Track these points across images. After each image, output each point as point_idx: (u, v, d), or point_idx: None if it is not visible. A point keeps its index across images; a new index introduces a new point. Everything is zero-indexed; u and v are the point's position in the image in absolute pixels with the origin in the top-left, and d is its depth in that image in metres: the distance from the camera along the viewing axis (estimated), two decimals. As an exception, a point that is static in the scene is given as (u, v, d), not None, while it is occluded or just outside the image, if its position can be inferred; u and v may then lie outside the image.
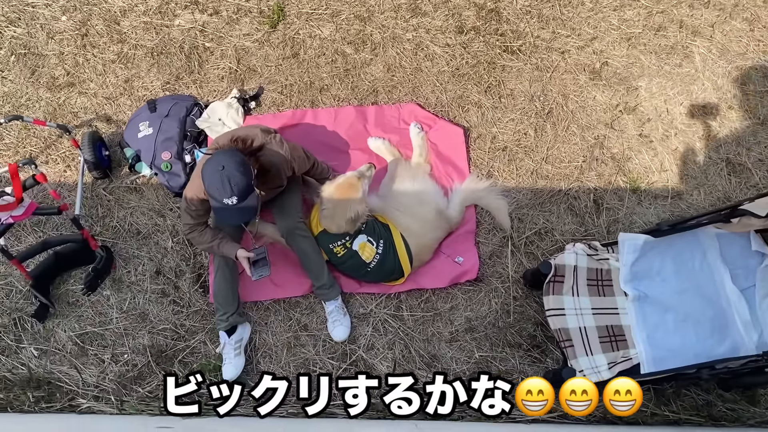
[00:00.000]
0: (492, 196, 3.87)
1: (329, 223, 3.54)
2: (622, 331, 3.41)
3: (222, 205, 3.00)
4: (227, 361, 3.50)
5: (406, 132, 4.03)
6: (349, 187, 3.51)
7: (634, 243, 3.41)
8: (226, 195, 2.94)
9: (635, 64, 4.21)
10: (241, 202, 2.99)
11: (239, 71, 4.20)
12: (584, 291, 3.46)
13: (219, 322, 3.53)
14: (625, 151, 4.05)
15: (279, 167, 3.28)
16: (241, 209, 3.03)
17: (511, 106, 4.13)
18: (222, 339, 3.54)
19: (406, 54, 4.23)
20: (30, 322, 3.70)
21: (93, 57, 4.23)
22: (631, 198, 3.95)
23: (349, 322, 3.65)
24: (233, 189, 2.94)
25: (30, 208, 3.28)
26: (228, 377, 3.47)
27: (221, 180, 2.93)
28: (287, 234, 3.56)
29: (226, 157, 2.98)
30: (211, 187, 2.98)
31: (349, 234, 3.55)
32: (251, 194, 3.04)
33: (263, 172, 3.25)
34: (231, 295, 3.54)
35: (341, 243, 3.56)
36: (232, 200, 2.96)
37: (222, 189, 2.94)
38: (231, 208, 3.00)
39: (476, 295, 3.76)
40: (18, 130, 4.07)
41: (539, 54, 4.23)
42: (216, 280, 3.54)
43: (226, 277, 3.53)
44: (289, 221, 3.55)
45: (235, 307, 3.54)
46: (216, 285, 3.54)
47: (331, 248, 3.58)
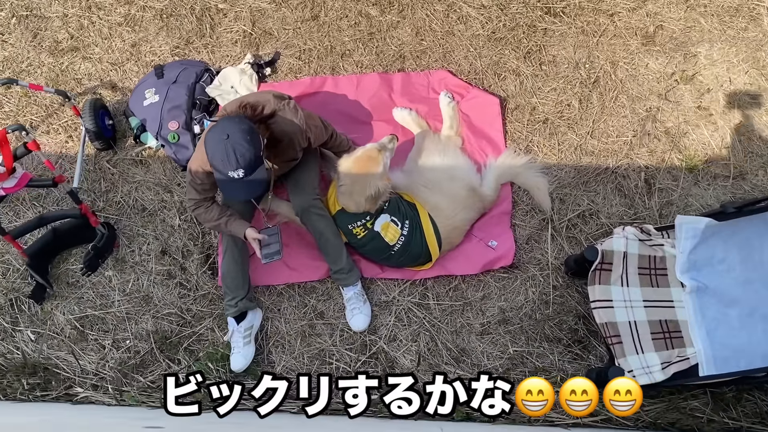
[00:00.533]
0: (531, 173, 3.49)
1: (347, 200, 3.19)
2: (678, 326, 3.02)
3: (227, 179, 2.68)
4: (236, 351, 3.21)
5: (436, 102, 3.66)
6: (368, 160, 3.16)
7: (694, 227, 3.00)
8: (231, 167, 2.63)
9: (694, 27, 3.76)
10: (249, 175, 2.67)
11: (254, 35, 3.86)
12: (635, 281, 3.08)
13: (227, 308, 3.23)
14: (681, 125, 3.62)
15: (292, 137, 2.95)
16: (249, 183, 2.71)
17: (553, 74, 3.72)
18: (230, 326, 3.24)
19: (436, 16, 3.84)
20: (27, 303, 3.44)
21: (98, 19, 3.93)
22: (686, 178, 3.53)
23: (369, 310, 3.32)
24: (239, 160, 2.61)
25: (23, 180, 3.03)
26: (236, 368, 3.18)
27: (225, 150, 2.60)
28: (302, 212, 3.22)
29: (231, 124, 2.65)
30: (214, 159, 2.66)
31: (370, 213, 3.21)
32: (260, 167, 2.71)
33: (274, 142, 2.92)
34: (241, 279, 3.24)
35: (361, 223, 3.22)
36: (237, 173, 2.64)
37: (227, 160, 2.62)
38: (237, 181, 2.68)
39: (511, 283, 3.39)
40: (18, 96, 3.80)
41: (585, 16, 3.80)
42: (224, 261, 3.24)
43: (236, 258, 3.22)
44: (304, 198, 3.22)
45: (245, 291, 3.23)
46: (224, 267, 3.24)
47: (350, 229, 3.24)
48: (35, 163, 3.64)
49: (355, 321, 3.29)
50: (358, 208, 3.19)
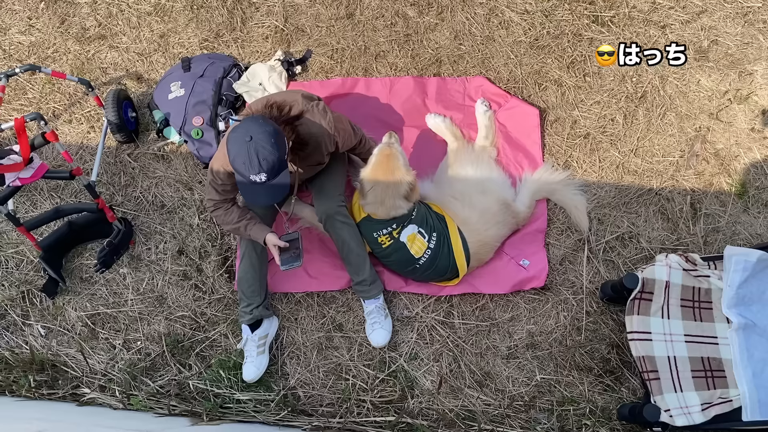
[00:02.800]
0: (568, 190, 3.30)
1: (378, 208, 3.03)
2: (722, 365, 2.81)
3: (248, 182, 2.54)
4: (248, 360, 3.07)
5: (472, 110, 3.49)
6: (387, 160, 2.99)
7: (745, 260, 2.80)
8: (253, 171, 2.49)
9: (751, 44, 3.53)
10: (271, 179, 2.53)
11: (286, 31, 3.71)
12: (677, 313, 2.87)
13: (242, 314, 3.10)
14: (732, 147, 3.40)
15: (319, 140, 2.80)
16: (271, 188, 2.57)
17: (597, 87, 3.52)
18: (244, 333, 3.11)
19: (477, 20, 3.66)
20: (39, 296, 3.35)
21: (128, 8, 3.82)
22: (735, 204, 3.32)
23: (390, 325, 3.16)
24: (261, 164, 2.47)
25: (40, 170, 2.93)
26: (248, 378, 3.05)
27: (248, 153, 2.46)
28: (326, 219, 3.07)
29: (255, 125, 2.50)
30: (236, 161, 2.51)
31: (397, 221, 3.04)
32: (283, 171, 2.56)
33: (301, 145, 2.77)
34: (258, 285, 3.10)
35: (387, 231, 3.06)
36: (259, 177, 2.50)
37: (248, 163, 2.48)
38: (258, 186, 2.54)
39: (542, 305, 3.21)
40: (42, 84, 3.70)
41: (634, 27, 3.59)
42: (242, 266, 3.10)
43: (254, 263, 3.08)
44: (329, 204, 3.07)
45: (261, 298, 3.10)
46: (241, 272, 3.11)
47: (376, 237, 3.09)
48: (54, 153, 3.54)
49: (375, 336, 3.14)
50: (389, 212, 3.02)
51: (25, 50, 3.77)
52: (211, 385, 3.10)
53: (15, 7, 3.85)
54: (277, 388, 3.10)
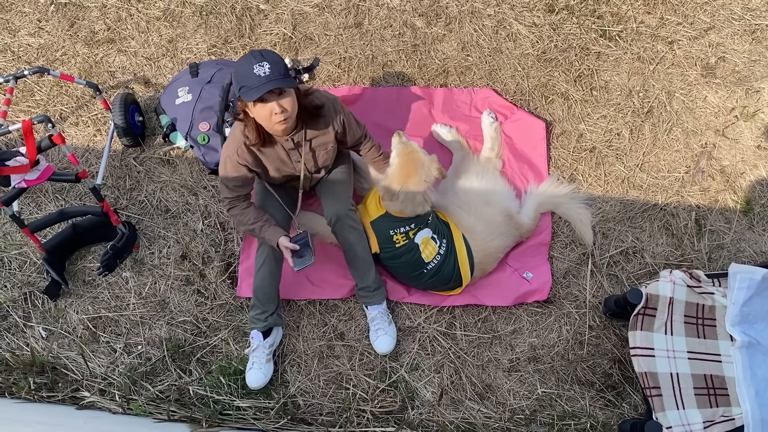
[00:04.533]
0: (573, 203, 3.30)
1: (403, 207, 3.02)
2: (724, 383, 2.80)
3: (252, 84, 2.49)
4: (256, 366, 3.04)
5: (478, 121, 3.49)
6: (409, 156, 3.02)
7: (750, 277, 2.79)
8: (256, 60, 2.48)
9: (759, 61, 3.54)
10: (274, 75, 2.49)
11: (294, 39, 3.72)
12: (680, 330, 2.86)
13: (255, 321, 3.08)
14: (738, 164, 3.40)
15: (327, 111, 2.84)
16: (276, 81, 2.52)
17: (603, 101, 3.53)
18: (255, 340, 3.09)
19: (485, 31, 3.67)
20: (41, 298, 3.34)
21: (137, 12, 3.83)
22: (740, 221, 3.31)
23: (394, 332, 3.16)
24: (264, 56, 2.50)
25: (46, 173, 2.92)
26: (254, 384, 3.03)
27: (252, 54, 2.51)
28: (336, 221, 3.06)
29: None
30: (239, 69, 2.53)
31: (416, 222, 3.05)
32: (287, 76, 2.54)
33: (315, 108, 2.80)
34: (274, 293, 3.10)
35: (404, 231, 3.05)
36: (264, 69, 2.47)
37: (251, 57, 2.50)
38: (264, 85, 2.49)
39: (544, 319, 3.20)
40: (50, 86, 3.71)
41: (642, 42, 3.60)
42: (260, 273, 3.07)
43: (273, 271, 3.07)
44: (340, 207, 3.06)
45: (275, 306, 3.10)
46: (260, 279, 3.07)
47: (392, 235, 3.08)
48: (60, 155, 3.55)
49: (380, 343, 3.12)
50: (416, 209, 3.02)
51: (34, 52, 3.78)
52: (211, 391, 3.08)
53: (25, 10, 3.87)
54: (277, 396, 3.08)
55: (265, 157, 2.87)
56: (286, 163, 2.93)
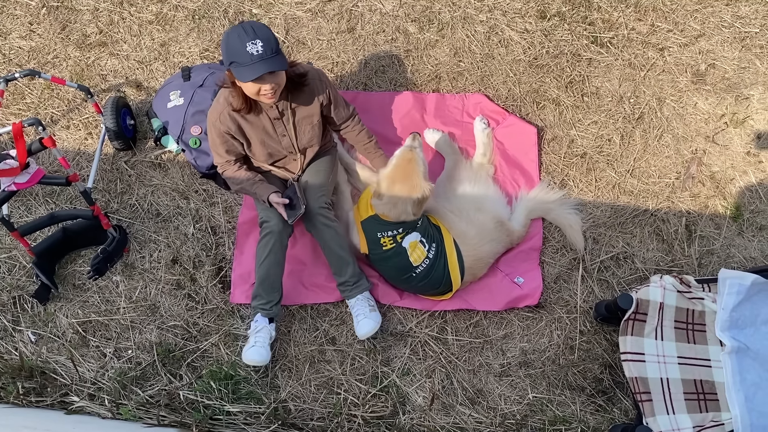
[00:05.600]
0: (564, 209, 3.31)
1: (390, 210, 3.04)
2: (714, 388, 2.81)
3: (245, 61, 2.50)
4: (259, 345, 3.00)
5: (469, 126, 3.50)
6: (407, 163, 3.02)
7: (739, 283, 2.81)
8: (249, 38, 2.49)
9: (748, 68, 3.57)
10: (267, 54, 2.51)
11: (287, 43, 3.73)
12: (670, 335, 2.88)
13: (259, 309, 3.06)
14: (728, 170, 3.42)
15: (312, 80, 2.87)
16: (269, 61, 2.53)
17: (594, 107, 3.54)
18: (261, 322, 3.05)
19: (477, 37, 3.69)
20: (31, 302, 3.32)
21: (129, 16, 3.83)
22: (730, 227, 3.33)
23: (377, 318, 3.11)
24: (256, 32, 2.50)
25: (36, 176, 2.91)
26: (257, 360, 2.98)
27: (242, 27, 2.52)
28: (307, 219, 3.09)
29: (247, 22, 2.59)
30: (230, 44, 2.53)
31: (404, 226, 3.05)
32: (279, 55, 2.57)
33: (299, 77, 2.81)
34: (279, 283, 3.09)
35: (392, 234, 3.06)
36: (257, 47, 2.49)
37: (243, 34, 2.50)
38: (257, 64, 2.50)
39: (535, 324, 3.20)
40: (41, 89, 3.70)
41: (633, 49, 3.62)
42: (266, 263, 3.04)
43: (279, 261, 3.07)
44: (312, 204, 3.07)
45: (279, 296, 3.09)
46: (265, 269, 3.04)
47: (379, 237, 3.08)
48: (51, 159, 3.53)
49: (360, 327, 3.08)
50: (399, 216, 3.03)
51: (25, 55, 3.77)
52: (202, 396, 3.07)
53: (16, 12, 3.86)
54: (267, 401, 3.07)
55: (249, 125, 2.89)
56: (271, 135, 2.95)
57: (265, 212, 3.06)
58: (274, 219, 3.02)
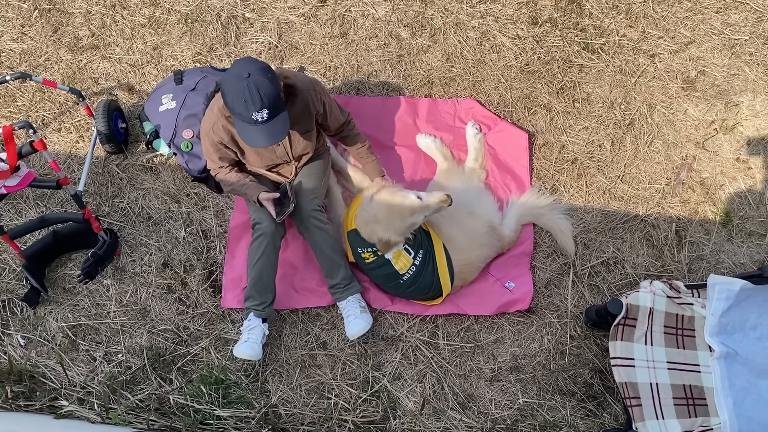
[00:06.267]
0: (555, 214, 3.32)
1: (364, 228, 3.05)
2: (703, 393, 2.83)
3: (249, 122, 2.55)
4: (252, 341, 3.01)
5: (461, 131, 3.51)
6: (406, 211, 2.98)
7: (728, 289, 2.82)
8: (255, 107, 2.50)
9: (738, 76, 3.59)
10: (273, 117, 2.55)
11: (280, 47, 3.73)
12: (660, 340, 2.89)
13: (252, 309, 3.06)
14: (718, 176, 3.44)
15: (307, 95, 2.86)
16: (273, 128, 2.59)
17: (585, 113, 3.56)
18: (254, 321, 3.06)
19: (469, 43, 3.70)
20: (20, 306, 3.30)
21: (122, 19, 3.82)
22: (720, 232, 3.35)
23: (368, 318, 3.12)
24: (263, 99, 2.50)
25: (26, 179, 2.90)
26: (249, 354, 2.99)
27: (248, 89, 2.49)
28: (299, 222, 3.10)
29: (248, 63, 2.56)
30: (235, 102, 2.53)
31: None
32: (282, 111, 2.60)
33: (289, 95, 2.81)
34: (272, 284, 3.10)
35: (372, 250, 3.07)
36: (262, 114, 2.52)
37: (250, 100, 2.49)
38: (261, 125, 2.55)
39: (526, 328, 3.21)
40: (32, 91, 3.68)
41: (624, 55, 3.65)
42: (258, 265, 3.05)
43: (272, 262, 3.08)
44: (304, 206, 3.08)
45: (272, 297, 3.10)
46: (258, 271, 3.05)
47: (360, 252, 3.10)
48: (42, 162, 3.52)
49: (351, 327, 3.09)
50: (371, 239, 3.03)
51: (17, 57, 3.76)
52: (192, 400, 3.06)
53: (8, 15, 3.84)
54: (258, 406, 3.06)
55: None
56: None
57: (257, 214, 3.06)
58: (267, 220, 3.02)
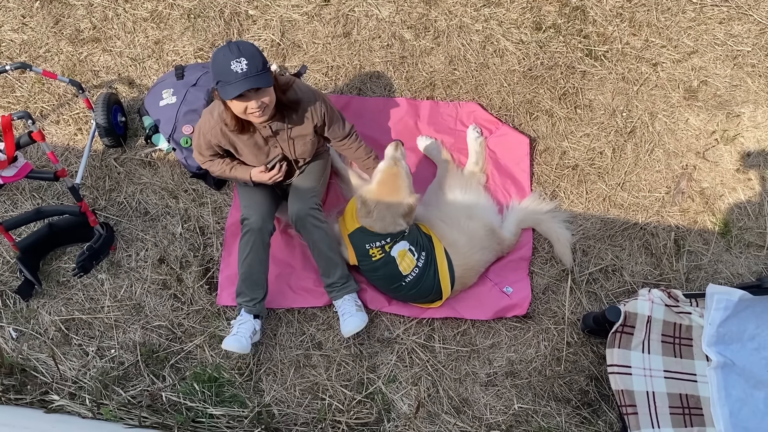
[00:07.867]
0: (554, 221, 3.31)
1: (378, 224, 3.03)
2: (699, 403, 2.82)
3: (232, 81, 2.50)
4: (240, 335, 2.96)
5: (463, 135, 3.50)
6: (392, 178, 3.03)
7: (726, 298, 2.80)
8: (233, 56, 2.48)
9: (740, 86, 3.60)
10: (252, 72, 2.50)
11: (282, 45, 3.71)
12: (657, 348, 2.88)
13: (244, 305, 3.04)
14: (717, 186, 3.44)
15: (306, 105, 2.86)
16: (255, 81, 2.52)
17: (587, 119, 3.56)
18: (245, 317, 3.03)
19: (472, 46, 3.69)
20: (13, 298, 3.27)
21: (124, 12, 3.80)
22: (718, 243, 3.35)
23: (363, 317, 3.09)
24: (241, 50, 2.50)
25: (23, 170, 2.88)
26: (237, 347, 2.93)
27: (229, 47, 2.51)
28: (297, 220, 3.06)
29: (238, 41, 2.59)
30: (215, 62, 2.53)
31: (392, 235, 3.03)
32: (265, 72, 2.55)
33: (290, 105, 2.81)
34: (263, 280, 3.06)
35: (380, 245, 3.04)
36: (241, 66, 2.48)
37: (229, 53, 2.49)
38: (241, 81, 2.49)
39: (523, 334, 3.19)
40: (32, 83, 3.66)
41: (627, 63, 3.64)
42: (247, 261, 3.02)
43: (261, 258, 3.04)
44: (302, 205, 3.05)
45: (263, 293, 3.07)
46: (247, 267, 3.02)
47: (367, 249, 3.07)
48: (39, 153, 3.49)
49: (346, 324, 3.06)
50: (386, 228, 3.02)
51: (17, 48, 3.73)
52: (185, 398, 3.03)
53: (9, 5, 3.82)
54: (251, 405, 3.04)
55: (240, 141, 2.89)
56: (262, 149, 2.95)
57: (246, 209, 3.04)
58: (254, 216, 3.00)
